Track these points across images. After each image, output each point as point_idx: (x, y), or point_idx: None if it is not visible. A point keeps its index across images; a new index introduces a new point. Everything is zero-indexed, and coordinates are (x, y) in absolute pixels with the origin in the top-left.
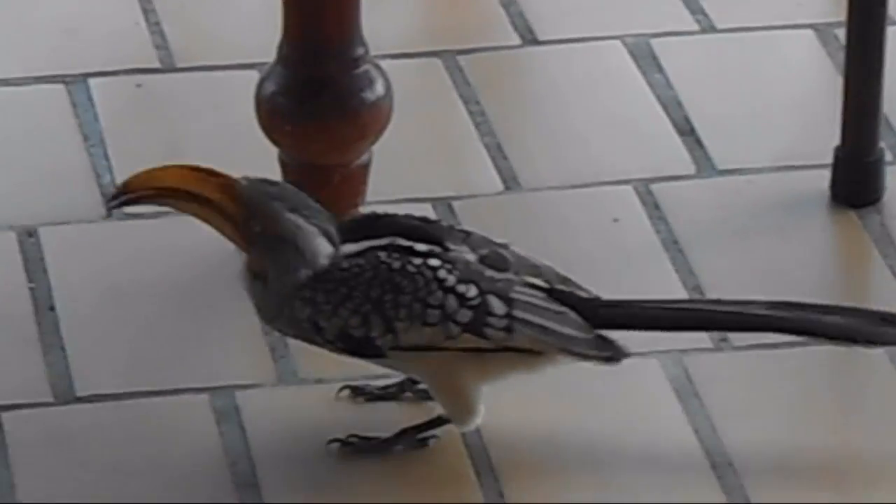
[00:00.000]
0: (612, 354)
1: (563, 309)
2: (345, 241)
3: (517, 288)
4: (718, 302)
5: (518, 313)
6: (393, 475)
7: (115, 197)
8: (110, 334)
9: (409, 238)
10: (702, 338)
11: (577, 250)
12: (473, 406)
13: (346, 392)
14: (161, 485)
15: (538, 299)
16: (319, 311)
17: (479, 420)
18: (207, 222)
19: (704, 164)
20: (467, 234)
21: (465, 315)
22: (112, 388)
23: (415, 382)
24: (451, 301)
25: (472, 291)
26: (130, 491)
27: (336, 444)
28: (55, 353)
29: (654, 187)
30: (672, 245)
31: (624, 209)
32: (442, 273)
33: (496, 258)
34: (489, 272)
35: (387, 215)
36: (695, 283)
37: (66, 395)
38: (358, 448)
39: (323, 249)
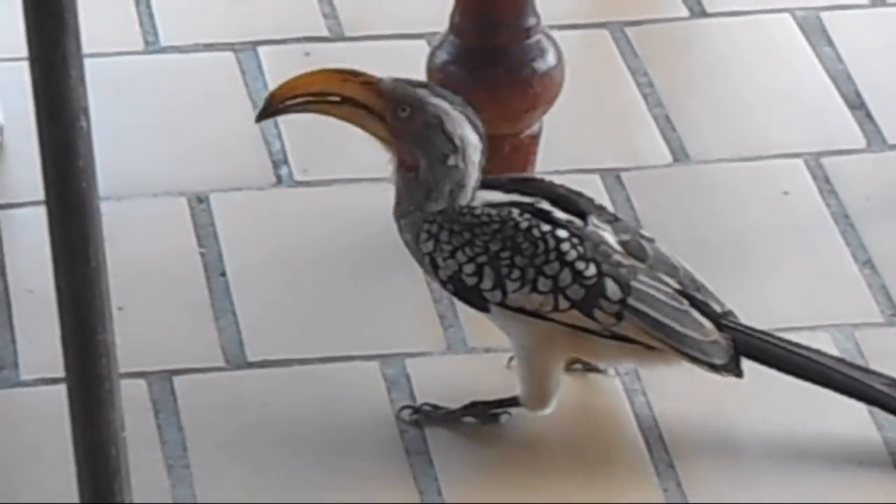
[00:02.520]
0: (728, 364)
1: (686, 307)
2: (494, 190)
3: (641, 277)
4: (843, 363)
5: (633, 302)
6: (568, 456)
7: (263, 111)
8: (281, 300)
9: (554, 204)
10: (873, 310)
11: (747, 223)
12: (551, 392)
13: (407, 412)
14: (331, 451)
15: (661, 293)
16: (439, 249)
17: (549, 410)
18: (356, 123)
19: (875, 137)
20: (616, 218)
21: (578, 292)
22: (283, 353)
23: (485, 405)
24: (566, 275)
25: (590, 270)
26: (301, 457)
27: (407, 412)
28: (226, 319)
29: (825, 161)
30: (843, 219)
31: (794, 182)
32: (565, 246)
33: (636, 247)
34: (618, 257)
35: (546, 182)
36: (866, 257)
37: (237, 361)
38: (427, 415)
39: (471, 138)
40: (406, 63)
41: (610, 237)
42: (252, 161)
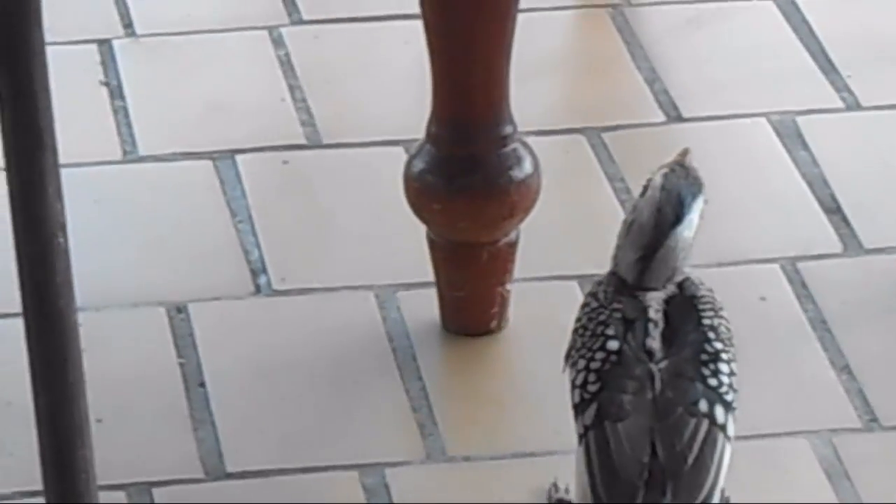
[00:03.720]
0: None
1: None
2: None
3: (621, 428)
4: None
5: (590, 437)
6: None
7: None
8: (260, 411)
9: (666, 321)
10: (850, 416)
11: None
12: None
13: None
14: None
15: (622, 455)
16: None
17: None
18: None
19: (851, 242)
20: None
21: (575, 396)
22: (262, 464)
23: None
24: (580, 377)
25: (593, 388)
26: None
27: None
28: (205, 430)
29: (801, 266)
30: (820, 324)
31: (771, 288)
32: (600, 354)
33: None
34: (628, 397)
35: (701, 311)
36: (843, 363)
37: (216, 472)
38: None
39: (627, 258)
40: (384, 171)
41: (649, 382)
42: (230, 270)
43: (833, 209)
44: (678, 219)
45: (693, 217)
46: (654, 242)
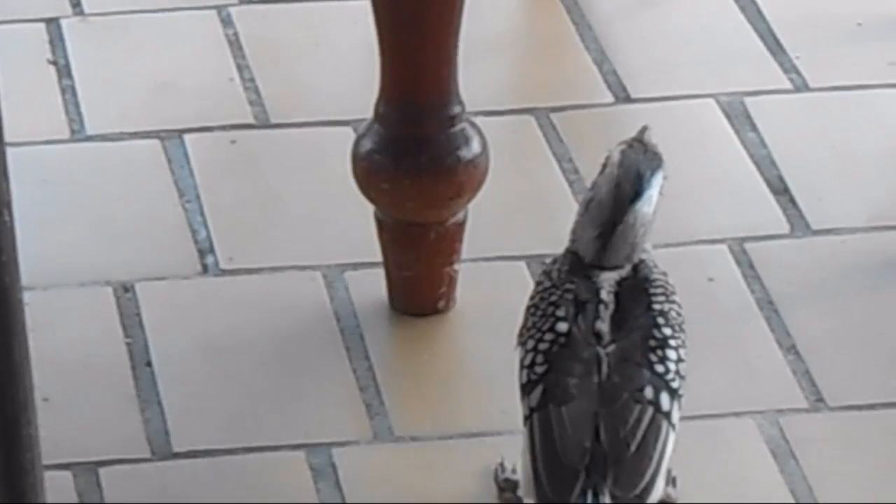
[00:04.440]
0: None
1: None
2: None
3: (564, 411)
4: None
5: (534, 420)
6: None
7: None
8: (207, 390)
9: (617, 303)
10: (797, 396)
11: None
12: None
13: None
14: None
15: (566, 442)
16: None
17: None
18: None
19: (799, 223)
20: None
21: (522, 376)
22: (209, 444)
23: None
24: (529, 357)
25: (540, 369)
26: None
27: None
28: (152, 409)
29: (749, 246)
30: (767, 305)
31: (718, 268)
32: (548, 336)
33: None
34: (574, 380)
35: (652, 295)
36: (790, 343)
37: (163, 451)
38: None
39: (587, 235)
40: (332, 150)
41: (596, 365)
42: (178, 250)
43: (781, 190)
44: (637, 194)
45: (652, 193)
46: (613, 219)
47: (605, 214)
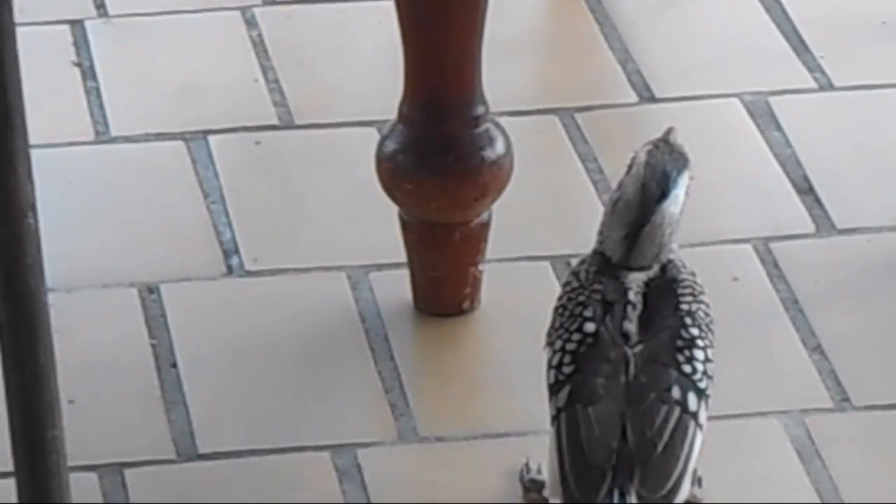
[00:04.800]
0: None
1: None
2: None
3: (591, 411)
4: None
5: (562, 420)
6: None
7: None
8: (232, 391)
9: (645, 303)
10: (822, 396)
11: None
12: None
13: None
14: None
15: (592, 441)
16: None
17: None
18: None
19: (824, 222)
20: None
21: (549, 376)
22: (234, 445)
23: None
24: (556, 357)
25: (568, 369)
26: None
27: None
28: (177, 410)
29: (774, 246)
30: (792, 305)
31: (743, 268)
32: (576, 336)
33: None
34: (601, 380)
35: (680, 295)
36: (815, 343)
37: (188, 453)
38: None
39: (614, 235)
40: (356, 151)
41: (623, 366)
42: (203, 251)
43: (805, 190)
44: (664, 194)
45: (679, 192)
46: (640, 219)
47: (632, 215)
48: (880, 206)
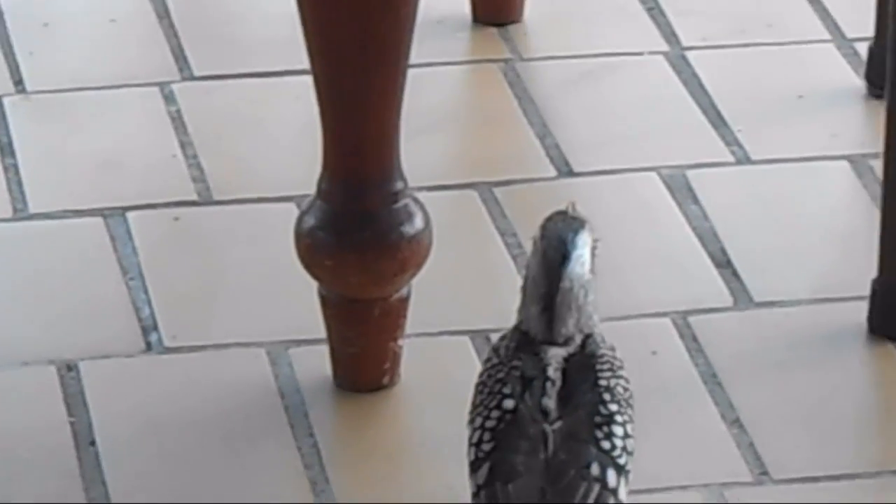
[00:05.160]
0: None
1: None
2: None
3: (511, 488)
4: None
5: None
6: None
7: None
8: (151, 469)
9: (564, 380)
10: (741, 469)
11: None
12: None
13: None
14: None
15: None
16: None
17: None
18: None
19: (742, 296)
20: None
21: (470, 453)
22: None
23: None
24: (476, 435)
25: (487, 447)
26: None
27: None
28: (96, 489)
29: (692, 319)
30: (711, 378)
31: (662, 342)
32: (495, 413)
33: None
34: (520, 457)
35: (599, 371)
36: (734, 416)
37: None
38: None
39: (533, 314)
40: (275, 227)
41: (542, 442)
42: (122, 328)
43: (723, 263)
44: (565, 258)
45: (580, 252)
46: (549, 289)
47: (542, 287)
48: (797, 279)
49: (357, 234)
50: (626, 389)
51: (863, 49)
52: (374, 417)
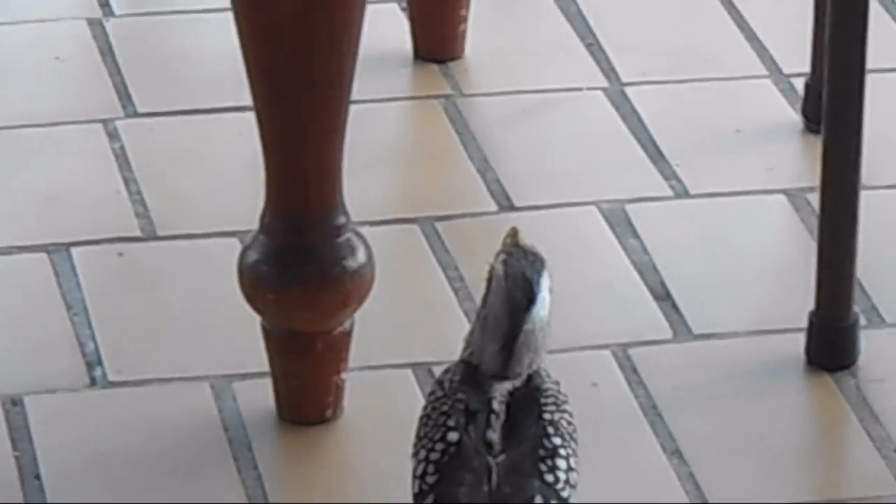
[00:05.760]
0: None
1: None
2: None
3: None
4: None
5: None
6: None
7: None
8: (96, 501)
9: (508, 413)
10: (682, 500)
11: None
12: None
13: None
14: None
15: None
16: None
17: None
18: None
19: (681, 328)
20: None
21: (414, 485)
22: None
23: None
24: (420, 467)
25: (432, 479)
26: None
27: None
28: None
29: (632, 352)
30: (651, 409)
31: (602, 374)
32: (439, 445)
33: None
34: (464, 489)
35: (543, 405)
36: (674, 447)
37: None
38: None
39: (489, 351)
40: (218, 262)
41: (486, 475)
42: (66, 362)
43: (663, 296)
44: (530, 301)
45: (544, 295)
46: (513, 330)
47: (504, 327)
48: (735, 312)
49: (300, 269)
50: (570, 423)
51: (799, 84)
52: (317, 450)
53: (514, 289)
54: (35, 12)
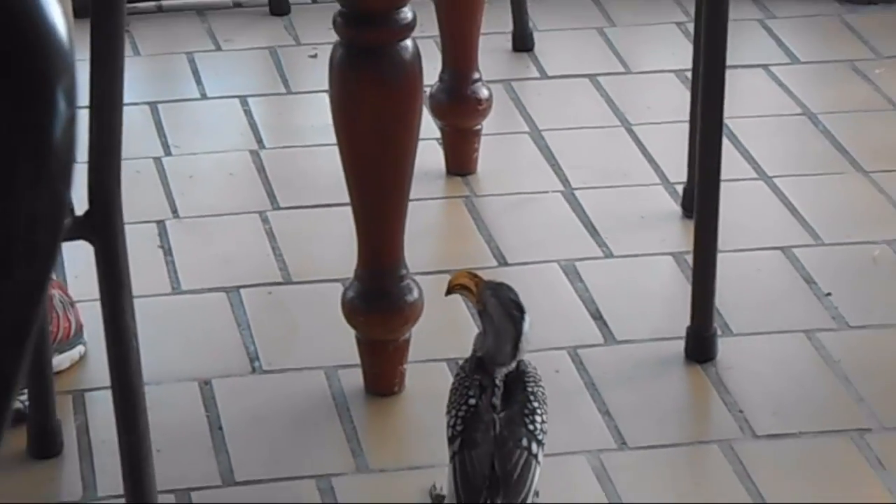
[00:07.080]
0: None
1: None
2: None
3: (467, 453)
4: None
5: (456, 457)
6: None
7: (447, 292)
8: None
9: (505, 389)
10: (607, 440)
11: None
12: None
13: None
14: None
15: (469, 476)
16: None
17: None
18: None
19: (609, 337)
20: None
21: (449, 428)
22: None
23: None
24: (452, 418)
25: (458, 427)
26: None
27: None
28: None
29: (580, 351)
30: (591, 385)
31: (561, 364)
32: (463, 408)
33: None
34: (480, 426)
35: (527, 382)
36: (605, 409)
37: None
38: None
39: (503, 350)
40: (332, 297)
41: (493, 426)
42: (237, 357)
43: (598, 316)
44: (523, 313)
45: (526, 313)
46: (517, 335)
47: (511, 333)
48: (642, 326)
49: (378, 302)
50: (543, 394)
51: (680, 188)
52: (389, 410)
53: (510, 308)
54: (218, 145)
